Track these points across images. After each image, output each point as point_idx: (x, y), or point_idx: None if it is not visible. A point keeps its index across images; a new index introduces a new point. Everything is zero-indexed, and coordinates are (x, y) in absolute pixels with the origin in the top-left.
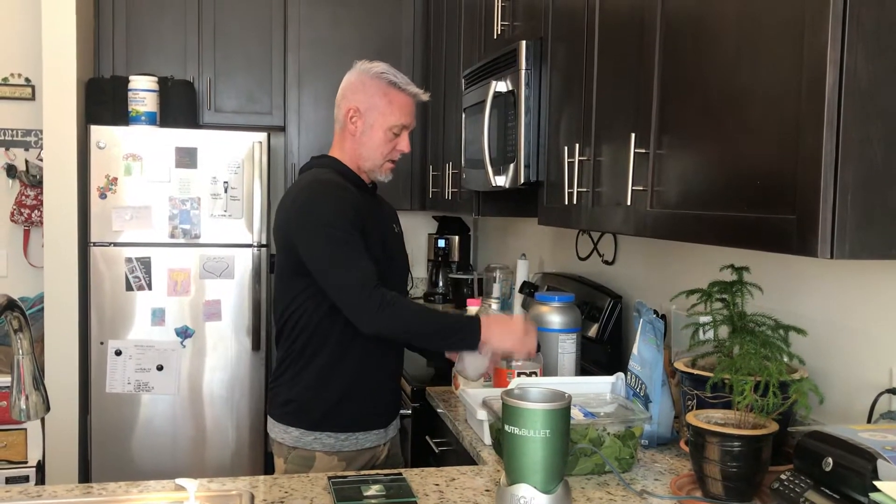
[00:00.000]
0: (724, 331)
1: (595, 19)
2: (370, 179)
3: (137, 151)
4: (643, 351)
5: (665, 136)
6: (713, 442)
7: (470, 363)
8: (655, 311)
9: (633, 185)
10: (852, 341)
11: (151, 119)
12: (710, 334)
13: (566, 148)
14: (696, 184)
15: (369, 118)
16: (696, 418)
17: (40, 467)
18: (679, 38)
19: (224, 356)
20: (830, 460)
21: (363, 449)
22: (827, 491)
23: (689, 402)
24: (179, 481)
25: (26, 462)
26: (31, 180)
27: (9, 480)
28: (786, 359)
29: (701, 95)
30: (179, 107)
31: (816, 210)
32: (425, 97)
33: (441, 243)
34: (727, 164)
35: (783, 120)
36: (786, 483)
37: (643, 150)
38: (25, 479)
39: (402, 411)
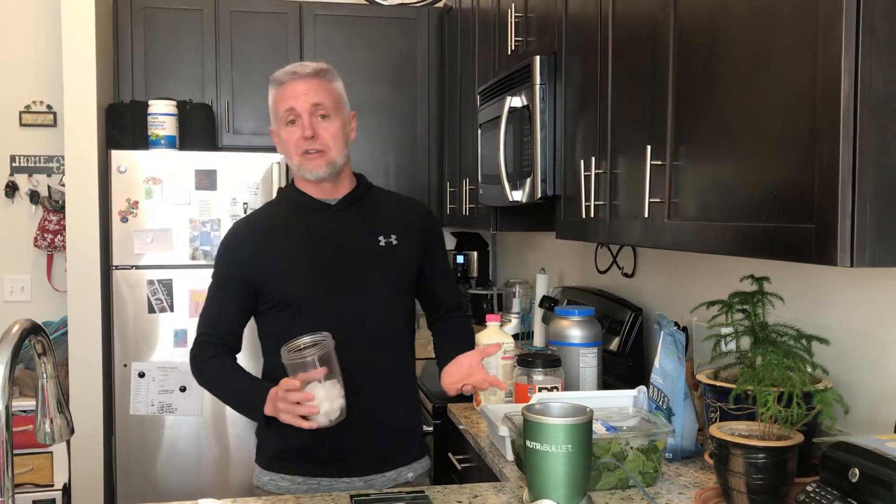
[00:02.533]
0: (745, 342)
1: (608, 33)
2: (340, 192)
3: (157, 175)
4: (665, 363)
5: (681, 148)
6: (737, 454)
7: (324, 398)
8: (676, 324)
9: (650, 198)
10: (877, 350)
11: (171, 142)
12: (732, 345)
13: (582, 161)
14: (714, 195)
15: (275, 127)
16: (720, 430)
17: (66, 490)
18: (692, 49)
19: (249, 367)
20: (857, 471)
21: (333, 495)
22: (854, 502)
23: (713, 414)
24: (203, 502)
25: (52, 485)
26: (54, 205)
27: None
28: (809, 369)
29: (716, 106)
30: (198, 130)
31: (835, 218)
32: (307, 69)
33: (460, 259)
34: (744, 174)
35: (799, 129)
36: (812, 495)
37: (659, 162)
38: (52, 502)
39: (424, 427)
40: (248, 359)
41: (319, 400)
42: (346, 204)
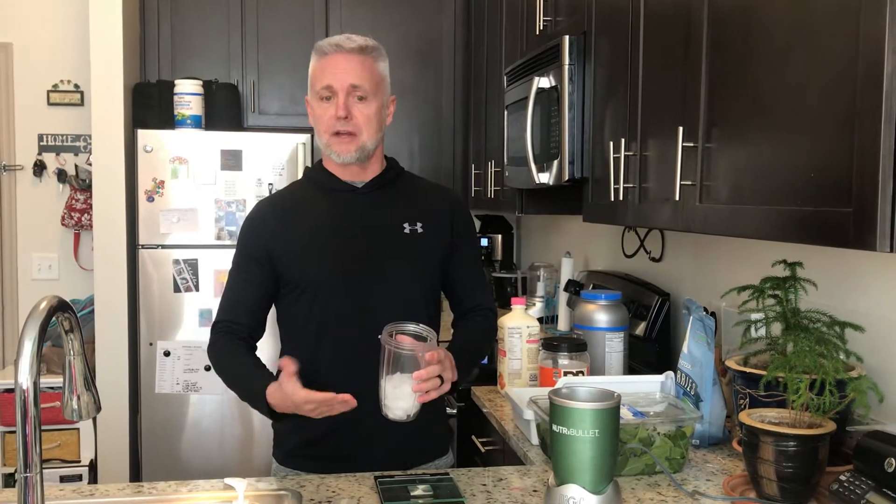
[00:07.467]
0: (776, 328)
1: (640, 12)
2: (368, 175)
3: (183, 154)
4: (693, 349)
5: (714, 129)
6: (767, 442)
7: (392, 395)
8: (705, 309)
9: (681, 180)
10: None
11: (197, 122)
12: (763, 332)
13: (611, 143)
14: (747, 177)
15: (310, 98)
16: (750, 417)
17: (93, 466)
18: (727, 28)
19: (271, 356)
20: (893, 461)
21: (357, 476)
22: (889, 493)
23: (742, 400)
24: (228, 481)
25: (79, 461)
26: (81, 184)
27: (63, 479)
28: (842, 356)
29: (751, 86)
30: (224, 110)
31: (874, 202)
32: (352, 44)
33: (484, 242)
34: (779, 156)
35: (838, 110)
36: (846, 484)
37: (691, 144)
38: (79, 477)
39: (448, 410)
40: (267, 348)
41: (406, 395)
42: (374, 187)
